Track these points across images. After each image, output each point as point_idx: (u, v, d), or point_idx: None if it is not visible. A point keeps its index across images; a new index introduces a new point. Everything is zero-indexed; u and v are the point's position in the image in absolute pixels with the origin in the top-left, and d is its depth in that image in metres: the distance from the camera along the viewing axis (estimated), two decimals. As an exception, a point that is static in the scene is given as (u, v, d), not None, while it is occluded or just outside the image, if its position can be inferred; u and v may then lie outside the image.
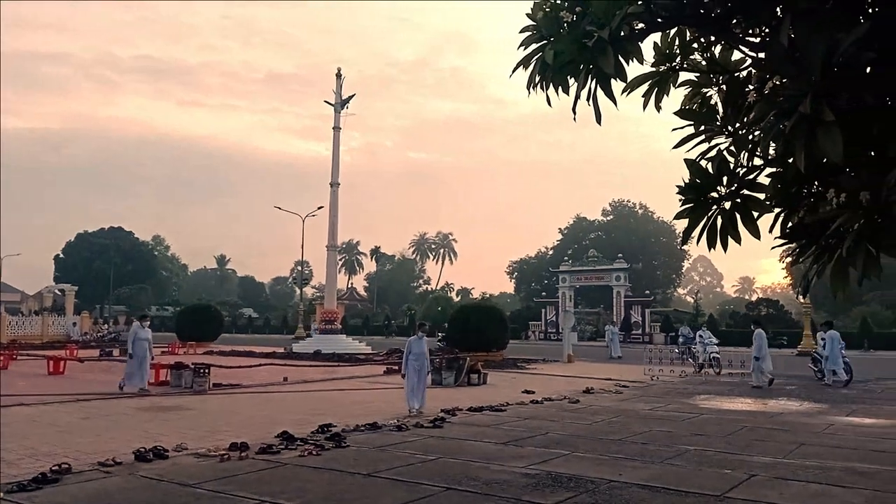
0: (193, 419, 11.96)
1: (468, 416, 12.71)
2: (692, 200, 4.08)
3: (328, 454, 8.97)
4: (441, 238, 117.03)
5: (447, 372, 18.72)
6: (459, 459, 8.73)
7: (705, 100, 4.49)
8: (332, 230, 36.91)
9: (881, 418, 13.40)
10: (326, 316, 36.59)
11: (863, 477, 8.09)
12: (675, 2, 3.79)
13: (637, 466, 8.52)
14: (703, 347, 24.67)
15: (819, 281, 3.88)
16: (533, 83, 4.26)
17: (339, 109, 36.93)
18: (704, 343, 24.79)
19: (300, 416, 12.27)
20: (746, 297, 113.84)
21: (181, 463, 8.38)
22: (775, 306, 58.06)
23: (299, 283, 77.96)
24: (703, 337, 25.12)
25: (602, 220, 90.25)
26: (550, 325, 62.14)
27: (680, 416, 13.28)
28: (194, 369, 16.69)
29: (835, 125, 2.93)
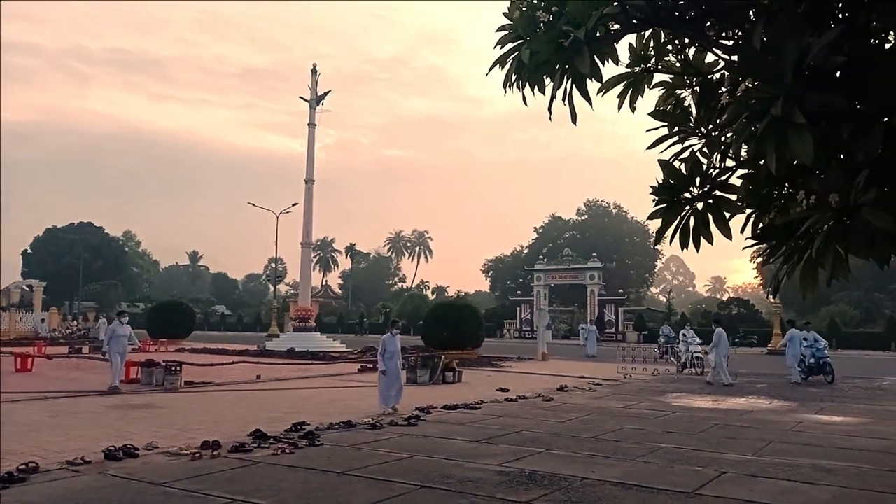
0: (164, 417, 11.82)
1: (443, 415, 12.72)
2: (665, 201, 4.12)
3: (302, 452, 8.92)
4: (417, 236, 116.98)
5: (422, 370, 18.71)
6: (433, 457, 8.73)
7: (679, 101, 4.54)
8: (306, 227, 36.69)
9: (848, 416, 13.66)
10: (300, 313, 36.36)
11: (830, 474, 8.23)
12: (649, 4, 3.83)
13: (610, 464, 8.58)
14: (686, 347, 24.24)
15: (789, 281, 3.94)
16: (509, 82, 4.28)
17: (314, 106, 36.70)
18: (688, 342, 24.32)
19: (273, 414, 12.18)
20: (718, 296, 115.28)
21: (152, 462, 8.27)
22: (746, 306, 58.94)
23: (273, 281, 77.44)
24: (687, 336, 24.65)
25: (577, 220, 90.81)
26: (525, 324, 62.44)
27: (652, 414, 13.41)
28: (165, 367, 16.50)
29: (805, 128, 2.98)
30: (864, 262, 3.43)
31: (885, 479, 8.08)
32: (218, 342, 38.81)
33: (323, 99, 36.75)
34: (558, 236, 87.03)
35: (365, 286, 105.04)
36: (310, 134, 37.04)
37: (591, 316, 58.89)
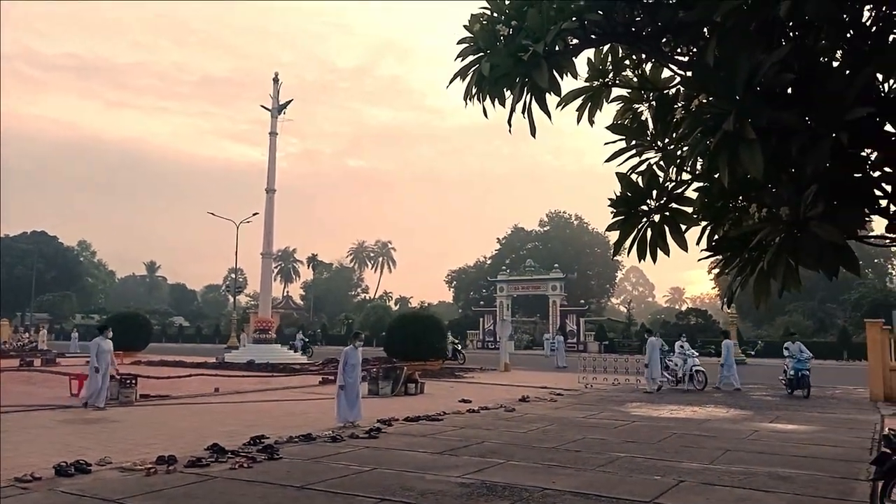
0: (119, 432, 11.54)
1: (404, 426, 12.65)
2: (623, 213, 4.17)
3: (260, 467, 8.79)
4: (380, 246, 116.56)
5: (384, 381, 18.61)
6: (394, 470, 8.67)
7: (636, 115, 4.61)
8: (267, 237, 36.30)
9: (802, 424, 13.97)
10: (261, 325, 35.88)
11: (784, 482, 8.40)
12: (607, 19, 3.89)
13: (570, 474, 8.64)
14: (683, 360, 22.52)
15: (743, 292, 4.02)
16: (470, 95, 4.30)
17: (275, 114, 36.41)
18: (686, 355, 22.60)
19: (232, 427, 11.98)
20: (677, 306, 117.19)
21: (104, 477, 8.06)
22: (704, 316, 59.98)
23: (233, 292, 76.30)
24: (684, 349, 22.99)
25: (539, 231, 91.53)
26: (488, 334, 62.56)
27: (612, 424, 13.54)
28: (120, 380, 16.11)
29: (756, 143, 3.05)
30: (817, 273, 3.51)
31: (838, 485, 8.28)
32: (175, 354, 38.06)
33: (284, 108, 36.48)
34: (521, 247, 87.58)
35: (327, 297, 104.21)
36: (271, 143, 36.73)
37: (554, 326, 59.28)
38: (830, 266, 3.33)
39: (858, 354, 39.12)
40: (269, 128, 36.70)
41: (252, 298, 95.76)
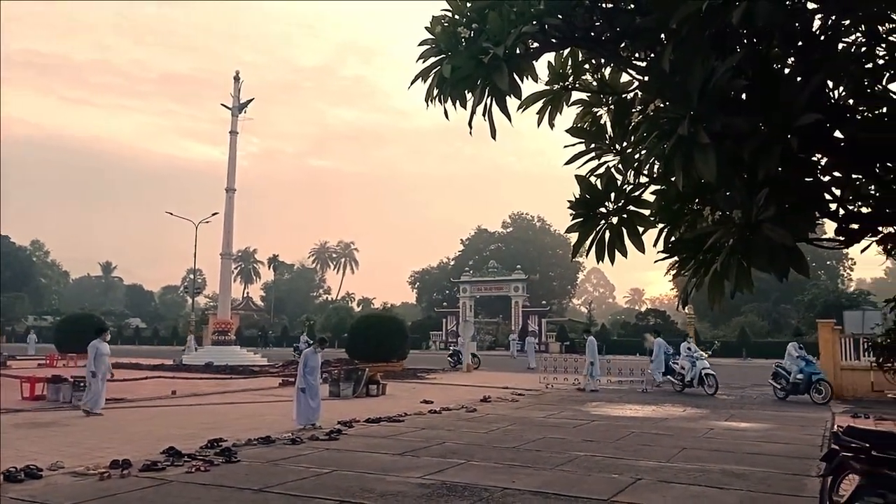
0: (72, 436, 11.26)
1: (365, 428, 12.60)
2: (582, 215, 4.21)
3: (217, 470, 8.66)
4: (343, 247, 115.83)
5: (345, 383, 18.50)
6: (355, 472, 8.63)
7: (595, 119, 4.66)
8: (227, 237, 35.82)
9: (756, 422, 14.28)
10: (220, 326, 35.38)
11: (738, 478, 8.58)
12: (567, 24, 3.92)
13: (530, 473, 8.70)
14: (692, 363, 21.02)
15: (698, 293, 4.09)
16: (431, 96, 4.30)
17: (236, 113, 35.97)
18: (693, 358, 21.12)
19: (189, 430, 11.79)
20: (636, 307, 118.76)
21: (56, 483, 7.87)
22: (662, 316, 60.94)
23: (191, 293, 75.07)
24: (691, 350, 21.55)
25: (502, 232, 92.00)
26: (451, 335, 62.57)
27: (572, 423, 13.67)
28: (74, 383, 15.74)
29: (710, 147, 3.11)
30: (771, 275, 3.60)
31: (790, 482, 8.50)
32: (132, 356, 37.29)
33: (246, 107, 36.07)
34: (484, 248, 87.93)
35: (289, 298, 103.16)
36: (232, 142, 36.27)
37: (517, 327, 59.65)
38: (781, 267, 3.41)
39: (811, 354, 40.13)
40: (230, 126, 36.24)
41: (211, 300, 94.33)
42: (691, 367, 20.92)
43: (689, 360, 21.16)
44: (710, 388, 20.32)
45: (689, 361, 21.16)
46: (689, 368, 20.95)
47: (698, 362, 20.87)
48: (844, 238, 3.93)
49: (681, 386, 21.26)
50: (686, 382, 20.99)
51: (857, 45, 3.68)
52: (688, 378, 20.90)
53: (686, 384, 21.00)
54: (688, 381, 20.91)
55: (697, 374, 20.60)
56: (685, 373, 21.07)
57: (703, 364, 20.82)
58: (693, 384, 20.71)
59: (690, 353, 21.42)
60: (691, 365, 20.95)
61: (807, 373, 18.53)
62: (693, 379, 20.70)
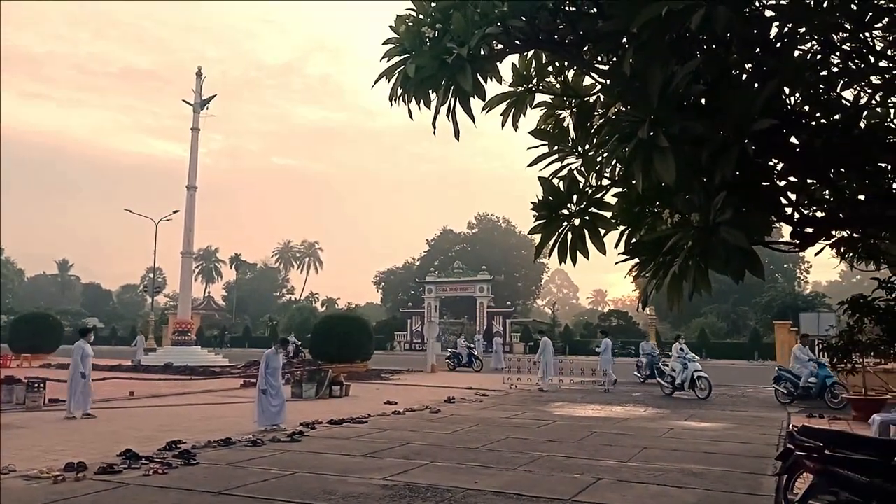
0: (25, 438, 10.96)
1: (328, 429, 12.51)
2: (545, 216, 4.24)
3: (176, 473, 8.52)
4: (307, 246, 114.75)
5: (308, 384, 18.34)
6: (316, 473, 8.56)
7: (559, 121, 4.69)
8: (187, 235, 35.26)
9: (715, 422, 14.54)
10: (180, 327, 34.81)
11: (697, 477, 8.73)
12: (530, 26, 3.94)
13: (493, 474, 8.73)
14: (683, 365, 20.31)
15: (658, 294, 4.14)
16: (395, 96, 4.28)
17: (198, 110, 35.44)
18: (686, 360, 20.44)
19: (147, 432, 11.57)
20: (599, 308, 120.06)
21: (9, 487, 7.66)
22: (624, 317, 61.76)
23: (151, 292, 73.63)
24: (684, 352, 20.88)
25: (468, 233, 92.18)
26: (416, 336, 62.57)
27: (535, 424, 13.75)
28: (28, 384, 15.33)
29: (669, 151, 3.15)
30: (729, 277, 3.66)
31: (747, 480, 8.66)
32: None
33: (208, 103, 35.56)
34: (449, 249, 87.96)
35: (251, 298, 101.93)
36: (193, 139, 35.73)
37: (481, 327, 59.83)
38: (737, 270, 3.47)
39: (768, 355, 41.04)
40: (192, 123, 35.70)
41: (171, 299, 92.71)
42: (682, 368, 20.23)
43: (681, 361, 20.48)
44: (703, 392, 19.57)
45: (680, 363, 20.48)
46: (681, 370, 20.25)
47: (690, 364, 20.22)
48: (800, 241, 4.02)
49: (670, 389, 20.56)
50: (677, 385, 20.33)
51: (812, 53, 3.77)
52: (679, 380, 20.25)
53: (676, 387, 20.33)
54: (678, 383, 20.26)
55: (689, 376, 19.93)
56: (676, 375, 20.38)
57: (695, 366, 20.17)
58: (684, 387, 20.04)
59: (683, 354, 20.72)
60: (682, 367, 20.26)
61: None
62: (684, 381, 20.03)
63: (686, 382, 19.93)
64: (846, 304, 5.65)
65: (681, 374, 20.21)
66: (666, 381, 20.87)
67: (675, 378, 20.41)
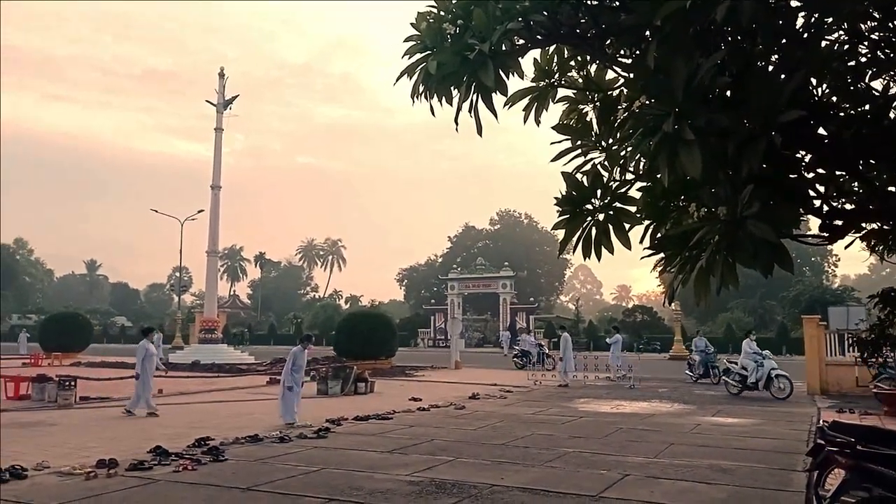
0: (57, 435, 11.17)
1: (354, 426, 12.58)
2: (568, 212, 4.22)
3: (205, 469, 8.62)
4: (330, 244, 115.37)
5: (333, 381, 18.46)
6: (343, 470, 8.62)
7: (581, 116, 4.66)
8: (212, 235, 35.61)
9: (743, 418, 14.39)
10: (206, 325, 35.18)
11: (726, 474, 8.64)
12: (552, 21, 3.92)
13: (519, 470, 8.72)
14: (756, 362, 18.89)
15: (684, 289, 4.11)
16: (417, 93, 4.29)
17: (221, 110, 35.73)
18: (763, 358, 19.01)
19: (176, 429, 11.73)
20: (624, 304, 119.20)
21: (42, 483, 7.81)
22: (649, 313, 61.23)
23: (177, 291, 74.60)
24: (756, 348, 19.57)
25: (490, 229, 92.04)
26: (439, 332, 62.64)
27: (560, 420, 13.71)
28: (59, 382, 15.61)
29: (695, 144, 3.12)
30: (756, 271, 3.62)
31: (777, 476, 8.56)
32: (117, 355, 37.02)
33: (231, 103, 35.84)
34: (472, 245, 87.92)
35: (276, 296, 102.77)
36: (217, 139, 36.04)
37: (504, 323, 59.77)
38: (765, 263, 3.43)
39: (796, 349, 40.44)
40: (215, 123, 36.02)
41: (197, 298, 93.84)
42: (756, 366, 18.77)
43: (753, 358, 19.08)
44: (783, 392, 18.18)
45: (752, 360, 19.05)
46: (755, 369, 18.78)
47: (766, 361, 18.82)
48: (828, 234, 3.96)
49: (738, 388, 19.10)
50: (750, 384, 18.77)
51: (839, 43, 3.70)
52: (752, 379, 18.75)
53: (749, 386, 18.82)
54: (751, 382, 18.74)
55: (765, 374, 18.53)
56: (749, 373, 18.87)
57: (771, 364, 18.78)
58: (758, 386, 18.62)
59: (756, 351, 19.37)
60: (756, 364, 18.82)
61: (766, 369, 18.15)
62: (759, 380, 18.60)
63: (761, 381, 18.58)
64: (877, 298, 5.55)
65: (754, 372, 18.78)
66: (733, 379, 19.37)
67: (745, 376, 18.99)
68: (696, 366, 23.49)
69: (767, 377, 18.53)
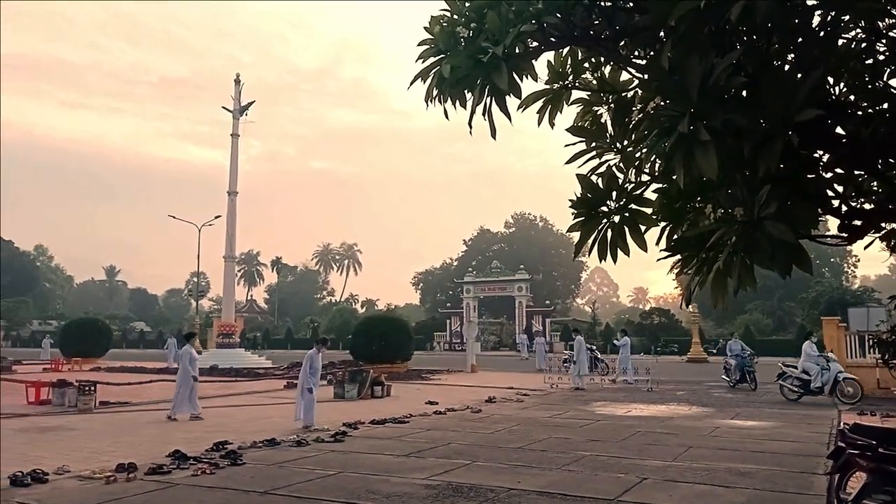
0: (77, 440, 11.28)
1: (370, 429, 12.59)
2: (584, 214, 4.20)
3: (223, 473, 8.67)
4: (346, 249, 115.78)
5: (350, 385, 18.49)
6: (360, 473, 8.63)
7: (596, 118, 4.65)
8: (229, 240, 35.84)
9: (762, 420, 14.24)
10: (224, 329, 35.38)
11: (744, 477, 8.55)
12: (565, 22, 3.92)
13: (536, 473, 8.68)
14: (819, 366, 17.79)
15: (702, 291, 4.08)
16: (431, 96, 4.29)
17: (237, 116, 35.98)
18: (827, 360, 17.84)
19: (194, 433, 11.80)
20: (640, 306, 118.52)
21: (63, 487, 7.88)
22: (667, 315, 60.76)
23: (195, 296, 75.12)
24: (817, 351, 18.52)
25: (505, 232, 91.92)
26: (455, 336, 62.59)
27: (577, 423, 13.64)
28: (79, 387, 15.75)
29: (710, 144, 3.10)
30: (775, 272, 3.59)
31: (797, 480, 8.46)
32: (136, 360, 37.37)
33: (246, 109, 36.08)
34: (487, 249, 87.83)
35: (292, 300, 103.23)
36: (233, 145, 36.28)
37: (520, 327, 59.60)
38: (783, 264, 3.40)
39: (819, 350, 39.96)
40: (231, 129, 36.27)
41: (215, 302, 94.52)
42: (821, 370, 17.67)
43: (815, 361, 18.03)
44: (852, 398, 16.97)
45: (814, 363, 17.99)
46: (818, 373, 17.68)
47: (832, 365, 17.64)
48: (848, 235, 3.92)
49: (798, 394, 18.05)
50: (814, 389, 17.68)
51: (857, 41, 3.67)
52: (816, 384, 17.62)
53: (812, 391, 17.76)
54: (816, 387, 17.63)
55: (831, 379, 17.38)
56: (812, 378, 17.79)
57: (837, 367, 17.61)
58: (824, 391, 17.51)
59: (815, 354, 18.32)
60: (821, 368, 17.71)
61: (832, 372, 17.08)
62: (825, 385, 17.44)
63: (827, 386, 17.43)
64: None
65: (818, 376, 17.63)
66: (792, 384, 18.31)
67: (806, 381, 17.93)
68: (732, 370, 22.32)
69: (833, 381, 17.41)
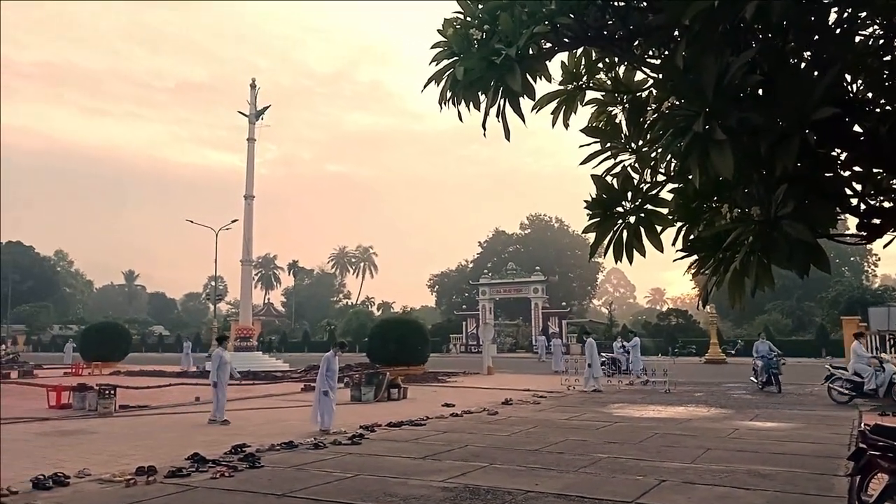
0: (97, 443, 11.39)
1: (387, 432, 12.62)
2: (599, 215, 4.18)
3: (242, 475, 8.72)
4: (361, 252, 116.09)
5: (367, 387, 18.54)
6: (377, 476, 8.65)
7: (610, 118, 4.63)
8: (246, 244, 36.05)
9: (782, 422, 14.10)
10: (242, 333, 35.60)
11: (764, 479, 8.48)
12: (579, 23, 3.91)
13: (553, 476, 8.66)
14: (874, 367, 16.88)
15: (719, 291, 4.05)
16: (445, 99, 4.30)
17: (253, 120, 36.21)
18: (881, 361, 17.13)
19: (212, 436, 11.88)
20: (658, 307, 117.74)
21: (84, 490, 7.97)
22: (684, 316, 60.33)
23: (213, 300, 75.63)
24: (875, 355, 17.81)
25: (520, 234, 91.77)
26: (471, 338, 62.55)
27: (595, 425, 13.59)
28: (99, 391, 15.91)
29: (726, 144, 3.08)
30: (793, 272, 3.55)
31: (817, 481, 8.37)
32: (156, 364, 37.68)
33: (263, 114, 36.32)
34: (502, 250, 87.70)
35: (309, 303, 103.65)
36: (249, 149, 36.52)
37: (536, 329, 59.44)
38: (801, 264, 3.36)
39: (836, 352, 39.57)
40: (248, 134, 36.51)
41: (233, 306, 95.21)
42: (875, 372, 16.80)
43: (865, 361, 17.20)
44: None
45: (865, 363, 17.12)
46: (872, 374, 16.80)
47: (887, 366, 16.74)
48: (867, 233, 3.87)
49: (849, 396, 17.16)
50: (868, 391, 16.79)
51: (874, 38, 3.62)
52: (870, 386, 16.71)
53: (866, 393, 16.83)
54: (870, 389, 16.73)
55: (887, 380, 16.56)
56: (865, 380, 16.85)
57: (892, 368, 16.73)
58: (878, 393, 16.59)
59: (865, 354, 17.41)
60: (874, 370, 16.84)
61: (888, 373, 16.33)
62: (880, 387, 16.58)
63: (882, 388, 16.60)
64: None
65: (871, 378, 16.74)
66: (842, 386, 17.39)
67: (858, 383, 17.02)
68: (759, 372, 21.52)
69: (889, 382, 16.62)
